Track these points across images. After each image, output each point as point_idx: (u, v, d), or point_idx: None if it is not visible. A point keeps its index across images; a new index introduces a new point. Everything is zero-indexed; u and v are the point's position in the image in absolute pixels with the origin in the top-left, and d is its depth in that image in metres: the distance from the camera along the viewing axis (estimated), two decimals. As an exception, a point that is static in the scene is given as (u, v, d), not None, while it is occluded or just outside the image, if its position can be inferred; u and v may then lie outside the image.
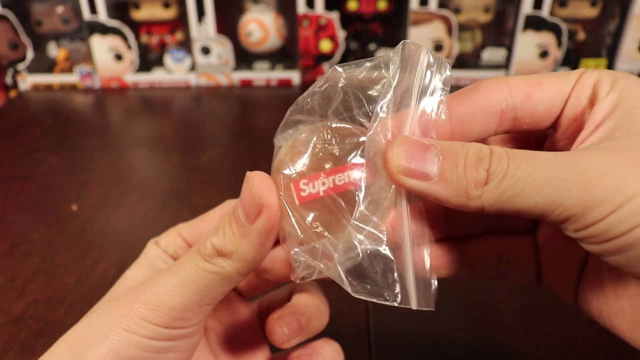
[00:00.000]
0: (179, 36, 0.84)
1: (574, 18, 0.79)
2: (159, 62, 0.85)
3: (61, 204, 0.57)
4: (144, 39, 0.84)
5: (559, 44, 0.79)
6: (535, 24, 0.77)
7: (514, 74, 0.81)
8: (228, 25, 0.83)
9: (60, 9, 0.81)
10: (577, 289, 0.24)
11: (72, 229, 0.53)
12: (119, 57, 0.84)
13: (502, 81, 0.23)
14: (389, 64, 0.23)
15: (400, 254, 0.23)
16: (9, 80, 0.85)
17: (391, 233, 0.23)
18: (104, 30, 0.82)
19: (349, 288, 0.22)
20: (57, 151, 0.68)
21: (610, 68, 0.81)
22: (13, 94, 0.85)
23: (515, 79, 0.23)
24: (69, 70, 0.85)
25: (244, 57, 0.85)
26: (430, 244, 0.24)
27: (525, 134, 0.25)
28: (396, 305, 0.23)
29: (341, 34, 0.81)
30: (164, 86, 0.86)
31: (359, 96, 0.23)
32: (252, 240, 0.22)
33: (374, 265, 0.23)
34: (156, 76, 0.85)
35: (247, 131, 0.73)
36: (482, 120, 0.23)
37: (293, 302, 0.30)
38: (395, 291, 0.23)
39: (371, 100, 0.23)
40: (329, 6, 0.79)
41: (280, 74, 0.85)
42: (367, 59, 0.23)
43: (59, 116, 0.79)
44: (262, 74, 0.85)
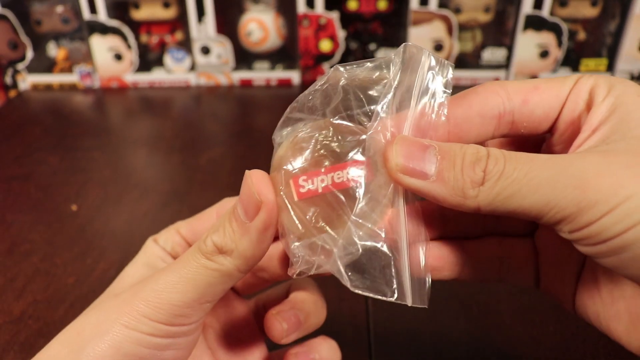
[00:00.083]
0: (178, 36, 0.84)
1: (574, 18, 0.79)
2: (159, 62, 0.85)
3: (61, 204, 0.57)
4: (144, 38, 0.84)
5: (560, 43, 0.79)
6: (535, 23, 0.77)
7: (514, 74, 0.81)
8: (228, 25, 0.82)
9: (60, 9, 0.81)
10: (574, 293, 0.25)
11: (72, 229, 0.53)
12: (118, 57, 0.84)
13: (499, 85, 0.23)
14: (390, 65, 0.23)
15: (397, 251, 0.23)
16: (8, 80, 0.85)
17: (389, 230, 0.23)
18: (104, 30, 0.81)
19: (347, 283, 0.22)
20: (57, 151, 0.68)
21: (610, 68, 0.81)
22: (13, 93, 0.85)
23: (513, 84, 0.23)
24: (69, 70, 0.85)
25: (244, 57, 0.85)
26: (426, 243, 0.24)
27: (523, 138, 0.26)
28: (392, 300, 0.23)
29: (341, 34, 0.81)
30: (163, 86, 0.86)
31: (360, 96, 0.23)
32: (251, 237, 0.23)
33: (372, 261, 0.23)
34: (156, 76, 0.85)
35: (247, 131, 0.73)
36: (480, 124, 0.23)
37: (291, 298, 0.30)
38: (392, 287, 0.23)
39: (371, 100, 0.23)
40: (329, 6, 0.79)
41: (280, 73, 0.85)
42: (368, 59, 0.23)
43: (58, 116, 0.79)
44: (262, 74, 0.85)
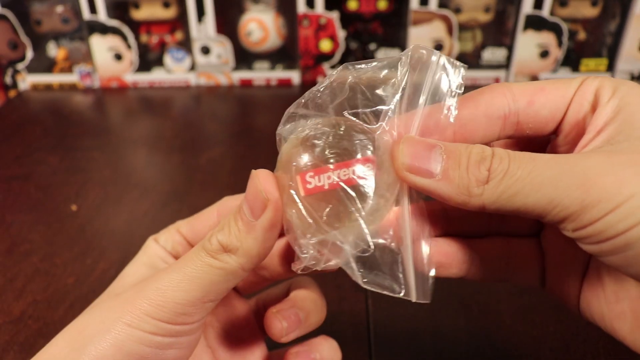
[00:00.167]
0: (178, 36, 0.84)
1: (574, 18, 0.79)
2: (159, 62, 0.85)
3: (61, 204, 0.57)
4: (144, 38, 0.84)
5: (560, 43, 0.79)
6: (535, 23, 0.77)
7: (514, 74, 0.81)
8: (228, 25, 0.82)
9: (59, 9, 0.81)
10: (579, 293, 0.25)
11: (72, 229, 0.53)
12: (118, 57, 0.84)
13: (505, 86, 0.23)
14: (398, 65, 0.23)
15: (402, 248, 0.24)
16: (8, 80, 0.85)
17: (395, 228, 0.24)
18: (104, 29, 0.81)
19: (359, 278, 0.23)
20: (57, 151, 0.68)
21: (610, 68, 0.81)
22: (13, 93, 0.85)
23: (518, 85, 0.23)
24: (69, 70, 0.85)
25: (244, 57, 0.85)
26: (430, 240, 0.25)
27: (528, 140, 0.26)
28: (400, 297, 0.23)
29: (341, 34, 0.81)
30: (163, 86, 0.86)
31: (367, 95, 0.23)
32: (257, 235, 0.23)
33: (383, 257, 0.24)
34: (156, 76, 0.85)
35: (247, 131, 0.73)
36: (486, 124, 0.23)
37: (291, 297, 0.30)
38: (400, 283, 0.24)
39: (379, 99, 0.23)
40: (329, 6, 0.79)
41: (280, 73, 0.85)
42: (377, 58, 0.24)
43: (58, 116, 0.79)
44: (262, 74, 0.85)
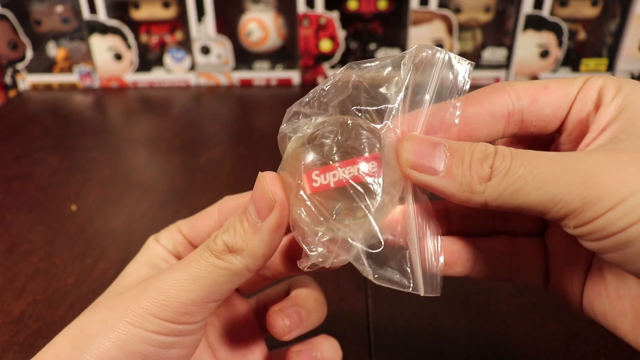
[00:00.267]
0: (178, 36, 0.84)
1: (574, 18, 0.79)
2: (159, 62, 0.85)
3: (61, 204, 0.57)
4: (144, 38, 0.84)
5: (560, 43, 0.79)
6: (535, 23, 0.77)
7: (514, 74, 0.81)
8: (228, 24, 0.82)
9: (59, 9, 0.81)
10: (582, 291, 0.25)
11: (72, 229, 0.53)
12: (118, 57, 0.84)
13: (509, 85, 0.23)
14: (402, 63, 0.24)
15: (410, 244, 0.24)
16: (8, 80, 0.85)
17: (402, 224, 0.24)
18: (104, 29, 0.81)
19: (370, 274, 0.23)
20: (56, 151, 0.68)
21: (610, 68, 0.81)
22: (12, 93, 0.85)
23: (522, 84, 0.24)
24: (69, 69, 0.85)
25: (244, 57, 0.85)
26: (437, 235, 0.25)
27: (532, 138, 0.26)
28: (409, 291, 0.24)
29: (341, 34, 0.81)
30: (163, 86, 0.86)
31: (372, 93, 0.24)
32: (263, 236, 0.23)
33: (391, 253, 0.24)
34: (156, 76, 0.85)
35: (247, 131, 0.73)
36: (489, 123, 0.23)
37: (292, 295, 0.30)
38: (409, 278, 0.24)
39: (383, 98, 0.24)
40: (329, 6, 0.79)
41: (280, 73, 0.85)
42: (381, 57, 0.24)
43: (58, 116, 0.79)
44: (262, 74, 0.85)
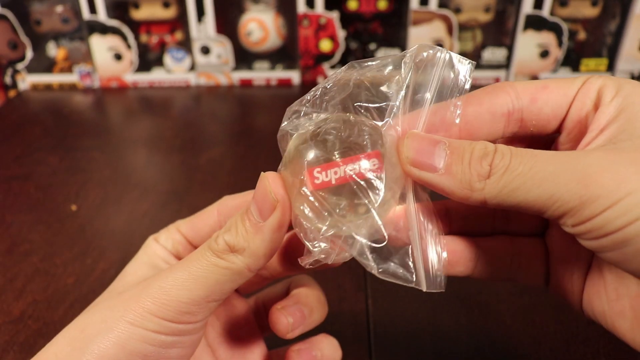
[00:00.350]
0: (178, 36, 0.84)
1: (574, 18, 0.79)
2: (159, 62, 0.85)
3: (61, 204, 0.57)
4: (144, 38, 0.84)
5: (560, 43, 0.79)
6: (535, 23, 0.77)
7: (514, 74, 0.81)
8: (228, 24, 0.82)
9: (59, 9, 0.81)
10: (582, 291, 0.25)
11: (72, 229, 0.53)
12: (118, 57, 0.84)
13: (509, 85, 0.24)
14: (404, 62, 0.24)
15: (411, 239, 0.24)
16: (8, 80, 0.85)
17: (404, 220, 0.24)
18: (104, 29, 0.81)
19: (374, 269, 0.23)
20: (56, 151, 0.68)
21: (610, 68, 0.81)
22: (12, 93, 0.85)
23: (522, 83, 0.24)
24: (69, 69, 0.85)
25: (244, 57, 0.85)
26: (438, 230, 0.25)
27: (533, 138, 0.26)
28: (412, 286, 0.24)
29: (341, 34, 0.81)
30: (163, 86, 0.86)
31: (372, 92, 0.24)
32: (264, 236, 0.23)
33: (394, 248, 0.24)
34: (156, 76, 0.85)
35: (247, 131, 0.73)
36: (490, 121, 0.24)
37: (294, 294, 0.30)
38: (412, 273, 0.24)
39: (384, 96, 0.24)
40: (329, 6, 0.79)
41: (280, 73, 0.85)
42: (382, 56, 0.24)
43: (58, 116, 0.79)
44: (262, 74, 0.85)
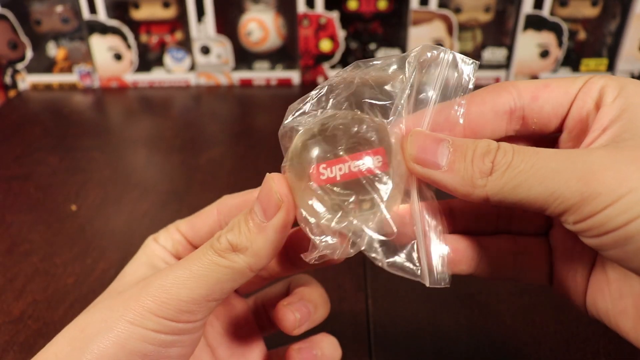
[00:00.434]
0: (178, 36, 0.84)
1: (574, 18, 0.79)
2: (159, 62, 0.85)
3: (61, 204, 0.57)
4: (144, 38, 0.84)
5: (560, 43, 0.79)
6: (535, 23, 0.77)
7: (514, 74, 0.81)
8: (228, 24, 0.82)
9: (59, 9, 0.81)
10: (586, 290, 0.25)
11: (72, 229, 0.53)
12: (118, 57, 0.84)
13: (511, 84, 0.24)
14: (408, 62, 0.24)
15: (416, 233, 0.25)
16: (8, 80, 0.85)
17: (410, 216, 0.25)
18: (104, 29, 0.81)
19: (384, 262, 0.24)
20: (56, 151, 0.68)
21: (610, 68, 0.81)
22: (12, 93, 0.85)
23: (524, 82, 0.24)
24: (69, 69, 0.85)
25: (244, 57, 0.85)
26: (442, 228, 0.25)
27: (536, 137, 0.26)
28: (418, 280, 0.25)
29: (341, 34, 0.81)
30: (163, 86, 0.86)
31: (377, 91, 0.24)
32: (267, 236, 0.24)
33: (402, 243, 0.24)
34: (156, 76, 0.85)
35: (247, 131, 0.73)
36: (492, 120, 0.24)
37: (297, 291, 0.30)
38: (418, 268, 0.25)
39: (388, 95, 0.24)
40: (329, 6, 0.79)
41: (280, 73, 0.85)
42: (387, 56, 0.25)
43: (58, 116, 0.79)
44: (262, 74, 0.85)
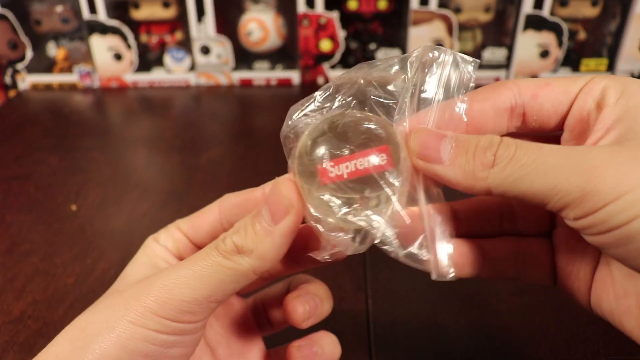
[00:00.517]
0: (178, 36, 0.84)
1: (574, 18, 0.79)
2: (159, 62, 0.85)
3: (61, 204, 0.57)
4: (144, 38, 0.84)
5: (560, 43, 0.79)
6: (535, 23, 0.77)
7: (514, 74, 0.81)
8: (228, 24, 0.82)
9: (59, 9, 0.81)
10: (590, 289, 0.25)
11: (72, 229, 0.53)
12: (118, 57, 0.84)
13: (512, 82, 0.25)
14: (410, 62, 0.25)
15: (425, 226, 0.25)
16: (8, 80, 0.85)
17: (418, 211, 0.25)
18: (104, 29, 0.81)
19: (399, 255, 0.24)
20: (56, 151, 0.68)
21: (610, 68, 0.81)
22: (12, 93, 0.85)
23: (525, 80, 0.25)
24: (69, 69, 0.85)
25: (244, 57, 0.85)
26: (447, 224, 0.25)
27: (537, 134, 0.26)
28: (429, 272, 0.25)
29: (341, 34, 0.81)
30: (163, 86, 0.86)
31: (380, 91, 0.25)
32: (274, 239, 0.24)
33: (413, 236, 0.25)
34: (156, 76, 0.85)
35: (247, 131, 0.73)
36: (494, 117, 0.24)
37: (302, 286, 0.31)
38: (429, 260, 0.25)
39: (392, 95, 0.25)
40: (329, 6, 0.79)
41: (280, 73, 0.85)
42: (389, 57, 0.25)
43: (58, 116, 0.79)
44: (262, 74, 0.85)
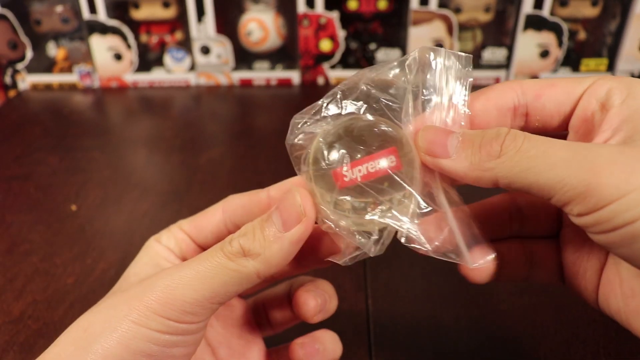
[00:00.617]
0: (178, 36, 0.84)
1: (574, 17, 0.79)
2: (159, 62, 0.85)
3: (61, 204, 0.57)
4: (144, 38, 0.84)
5: (560, 43, 0.79)
6: (535, 23, 0.77)
7: (514, 74, 0.81)
8: (228, 24, 0.82)
9: (59, 9, 0.81)
10: (597, 288, 0.25)
11: (72, 229, 0.53)
12: (118, 57, 0.84)
13: (516, 82, 0.25)
14: (407, 65, 0.25)
15: (448, 219, 0.25)
16: (8, 80, 0.85)
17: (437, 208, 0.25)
18: (104, 29, 0.81)
19: (429, 250, 0.25)
20: (56, 151, 0.68)
21: (610, 68, 0.81)
22: (12, 93, 0.85)
23: (529, 81, 0.25)
24: (69, 69, 0.85)
25: (244, 57, 0.85)
26: (466, 214, 0.26)
27: (540, 133, 0.26)
28: (461, 262, 0.25)
29: (341, 34, 0.81)
30: (163, 86, 0.86)
31: (382, 95, 0.25)
32: (283, 246, 0.24)
33: (436, 233, 0.25)
34: (156, 76, 0.85)
35: (247, 131, 0.73)
36: (497, 116, 0.25)
37: (311, 282, 0.31)
38: (455, 251, 0.25)
39: (394, 98, 0.25)
40: (329, 6, 0.79)
41: (280, 73, 0.85)
42: (388, 60, 0.26)
43: (58, 116, 0.79)
44: (262, 74, 0.85)
